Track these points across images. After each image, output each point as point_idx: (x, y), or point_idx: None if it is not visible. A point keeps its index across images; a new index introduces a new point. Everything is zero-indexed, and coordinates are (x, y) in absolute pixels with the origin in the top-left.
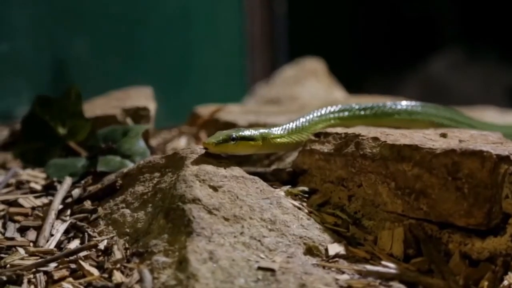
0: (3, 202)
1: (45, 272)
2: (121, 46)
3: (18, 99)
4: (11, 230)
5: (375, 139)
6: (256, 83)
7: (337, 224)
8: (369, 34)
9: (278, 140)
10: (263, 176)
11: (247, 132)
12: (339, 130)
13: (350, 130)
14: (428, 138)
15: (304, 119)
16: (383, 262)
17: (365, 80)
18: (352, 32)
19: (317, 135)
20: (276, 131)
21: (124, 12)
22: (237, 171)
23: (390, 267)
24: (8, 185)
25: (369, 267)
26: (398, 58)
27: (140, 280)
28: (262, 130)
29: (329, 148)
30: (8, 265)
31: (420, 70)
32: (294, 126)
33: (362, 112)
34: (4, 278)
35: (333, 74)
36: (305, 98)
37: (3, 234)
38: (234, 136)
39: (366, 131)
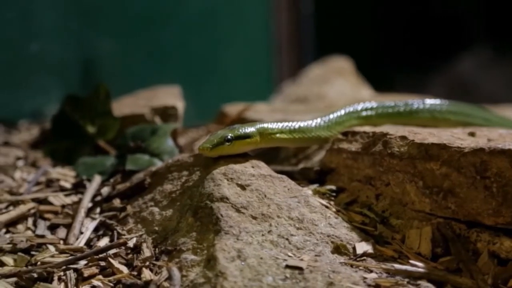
0: (34, 200)
1: (75, 270)
2: (149, 46)
3: (48, 98)
4: (42, 227)
5: (403, 138)
6: (283, 82)
7: (365, 223)
8: (396, 32)
9: (278, 135)
10: (290, 175)
11: (242, 130)
12: (367, 129)
13: (378, 129)
14: (456, 137)
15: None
16: (411, 261)
17: (392, 79)
18: (379, 31)
19: (345, 134)
20: (274, 126)
21: (152, 11)
22: (265, 169)
23: (418, 266)
24: (38, 183)
25: (397, 266)
26: (425, 56)
27: (169, 278)
28: (259, 126)
29: (356, 147)
30: (39, 263)
31: (447, 68)
32: (296, 125)
33: (366, 113)
34: (35, 275)
35: (360, 73)
36: (332, 97)
37: (34, 231)
38: (228, 137)
39: (393, 130)
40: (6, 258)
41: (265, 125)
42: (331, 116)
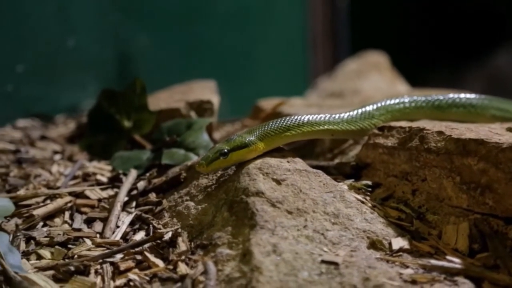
0: (71, 193)
1: (112, 263)
2: (185, 41)
3: (85, 92)
4: (78, 221)
5: (440, 133)
6: (318, 76)
7: (401, 218)
8: (432, 27)
9: (287, 133)
10: (326, 170)
11: (240, 141)
12: (403, 124)
13: (414, 124)
14: (494, 132)
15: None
16: (448, 257)
17: (428, 74)
18: (415, 25)
19: (381, 128)
20: (277, 125)
21: (189, 7)
22: (300, 164)
23: (455, 262)
24: (75, 177)
25: (433, 261)
26: (462, 51)
27: (205, 272)
28: (258, 130)
29: (393, 142)
30: (76, 256)
31: (483, 63)
32: (301, 120)
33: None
34: (72, 268)
35: (396, 68)
36: (368, 92)
37: (71, 225)
38: (224, 151)
39: (430, 125)
40: (44, 251)
41: (265, 127)
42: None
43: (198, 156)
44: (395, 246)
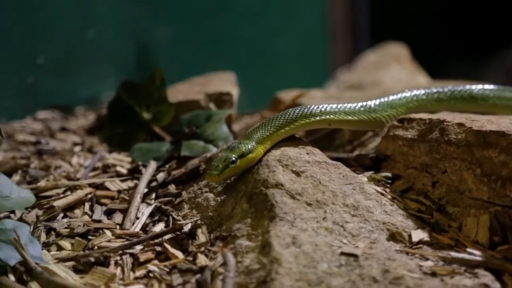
0: (91, 185)
1: (131, 254)
2: (204, 33)
3: (104, 84)
4: (98, 212)
5: (461, 125)
6: (337, 68)
7: (421, 211)
8: (452, 18)
9: (281, 131)
10: (345, 162)
11: (244, 148)
12: (423, 115)
13: (434, 116)
14: None
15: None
16: (468, 249)
17: (448, 65)
18: (435, 17)
19: (401, 120)
20: (269, 125)
21: None
22: (319, 156)
23: (475, 254)
24: (95, 169)
25: (453, 254)
26: (482, 43)
27: (224, 264)
28: (256, 136)
29: (412, 134)
30: (96, 247)
31: (505, 55)
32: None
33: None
34: (92, 259)
35: (416, 59)
36: (388, 83)
37: (91, 216)
38: (233, 158)
39: (451, 117)
40: (64, 242)
41: (260, 131)
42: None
43: (218, 147)
44: (415, 238)
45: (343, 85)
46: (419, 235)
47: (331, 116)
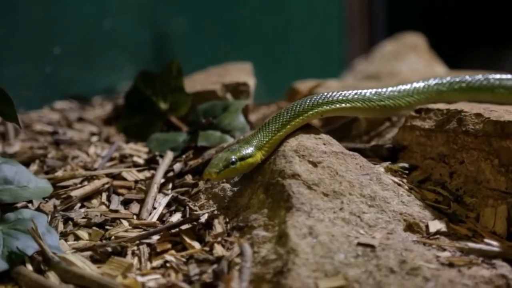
0: (108, 175)
1: (148, 244)
2: (220, 23)
3: (121, 74)
4: (115, 202)
5: (478, 115)
6: (354, 58)
7: (438, 201)
8: (470, 8)
9: (278, 134)
10: (362, 152)
11: (244, 151)
12: (441, 106)
13: (452, 106)
14: None
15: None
16: (486, 240)
17: (466, 55)
18: (453, 6)
19: (418, 111)
20: (267, 133)
21: None
22: (336, 147)
23: (493, 245)
24: (112, 159)
25: (471, 244)
26: (500, 32)
27: (241, 254)
28: (255, 142)
29: (430, 124)
30: (113, 237)
31: None
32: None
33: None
34: (109, 249)
35: (433, 49)
36: (405, 74)
37: (108, 206)
38: (233, 159)
39: (468, 107)
40: (81, 232)
41: (259, 136)
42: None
43: (234, 138)
44: (432, 228)
45: (360, 75)
46: (436, 225)
47: (324, 107)
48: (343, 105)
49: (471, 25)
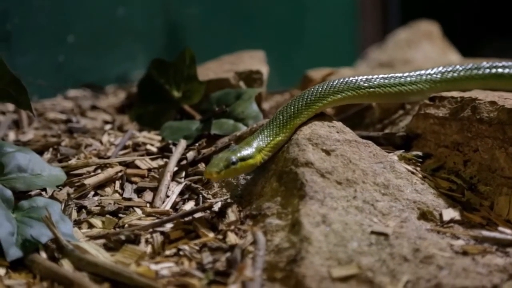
0: (121, 163)
1: (162, 233)
2: (233, 11)
3: (134, 63)
4: (129, 190)
5: (493, 103)
6: (367, 46)
7: (452, 189)
8: None
9: (277, 139)
10: (376, 140)
11: (244, 152)
12: (455, 94)
13: (466, 94)
14: None
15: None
16: (500, 228)
17: (480, 43)
18: None
19: (432, 99)
20: (266, 136)
21: None
22: (350, 135)
23: (507, 233)
24: (125, 147)
25: (485, 232)
26: None
27: (254, 242)
28: (255, 144)
29: (444, 112)
30: (126, 225)
31: None
32: (282, 120)
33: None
34: (123, 237)
35: (447, 37)
36: (419, 62)
37: (121, 194)
38: (233, 159)
39: (483, 95)
40: (95, 220)
41: (259, 138)
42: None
43: (247, 126)
44: (446, 217)
45: (374, 63)
46: (450, 214)
47: (322, 102)
48: (339, 96)
49: (485, 13)
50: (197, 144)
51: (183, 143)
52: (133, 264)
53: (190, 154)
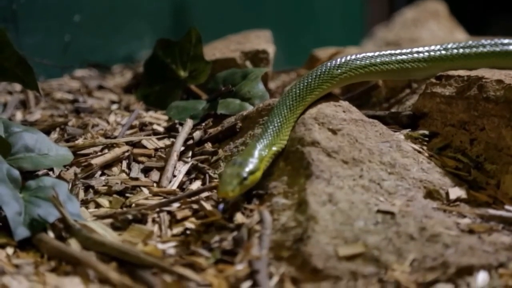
0: (128, 143)
1: (169, 212)
2: None
3: (141, 42)
4: (136, 170)
5: (499, 81)
6: (374, 25)
7: (458, 168)
8: None
9: (273, 148)
10: (382, 119)
11: (251, 166)
12: (462, 72)
13: (472, 73)
14: None
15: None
16: (506, 206)
17: (487, 22)
18: None
19: (439, 77)
20: (265, 142)
21: None
22: (356, 114)
23: None
24: (132, 127)
25: (491, 211)
26: None
27: (261, 221)
28: (255, 153)
29: (450, 91)
30: (133, 205)
31: None
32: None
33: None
34: (130, 217)
35: (454, 16)
36: (426, 41)
37: (128, 174)
38: (245, 175)
39: (489, 74)
40: (102, 199)
41: (258, 148)
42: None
43: (254, 106)
44: (452, 195)
45: (381, 43)
46: (456, 192)
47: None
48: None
49: None
50: (203, 124)
51: (189, 123)
52: (140, 243)
53: (197, 134)
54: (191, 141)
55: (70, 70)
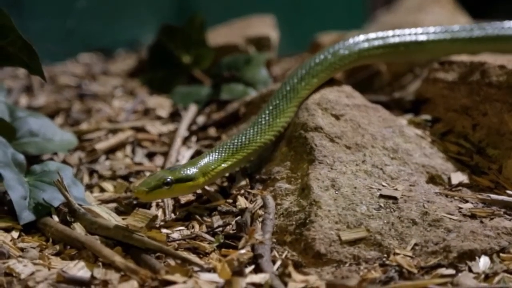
0: (132, 128)
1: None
2: None
3: (145, 28)
4: (140, 155)
5: (502, 67)
6: (377, 10)
7: (461, 153)
8: None
9: (223, 165)
10: (385, 105)
11: (184, 172)
12: (464, 58)
13: (475, 58)
14: None
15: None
16: (508, 191)
17: (491, 6)
18: None
19: (441, 63)
20: (216, 156)
21: None
22: (359, 99)
23: None
24: (135, 112)
25: (493, 196)
26: None
27: (264, 206)
28: (200, 163)
29: (453, 76)
30: None
31: None
32: (237, 143)
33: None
34: (134, 201)
35: (457, 0)
36: (429, 25)
37: (132, 159)
38: (168, 180)
39: (492, 59)
40: (106, 184)
41: (206, 160)
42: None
43: (257, 91)
44: (455, 180)
45: (383, 27)
46: (458, 177)
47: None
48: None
49: None
50: (207, 109)
51: (193, 108)
52: (144, 227)
53: (200, 119)
54: (194, 127)
55: (74, 55)
